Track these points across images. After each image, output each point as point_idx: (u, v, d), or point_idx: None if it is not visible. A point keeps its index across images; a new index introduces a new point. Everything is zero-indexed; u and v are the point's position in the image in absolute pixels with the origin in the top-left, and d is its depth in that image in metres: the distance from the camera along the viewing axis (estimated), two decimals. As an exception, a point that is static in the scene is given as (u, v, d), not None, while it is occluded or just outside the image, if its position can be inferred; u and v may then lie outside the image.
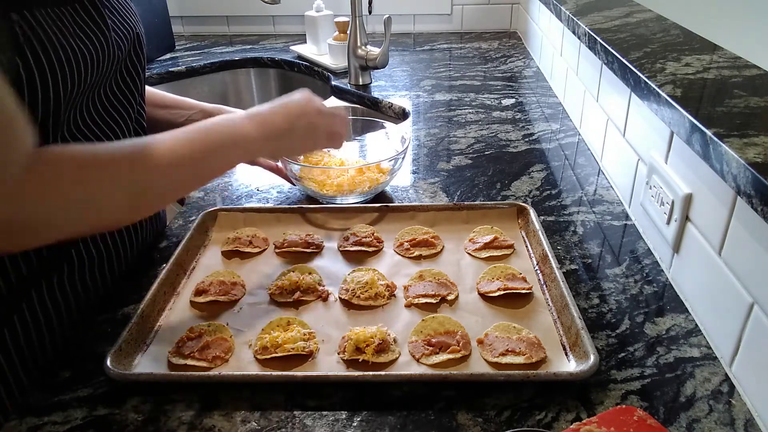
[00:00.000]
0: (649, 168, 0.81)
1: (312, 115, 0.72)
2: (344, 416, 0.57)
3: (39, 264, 0.69)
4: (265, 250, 0.83)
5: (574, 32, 1.11)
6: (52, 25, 0.61)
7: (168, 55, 1.82)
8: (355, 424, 0.56)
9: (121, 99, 0.76)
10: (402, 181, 1.02)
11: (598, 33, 0.96)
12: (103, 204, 0.55)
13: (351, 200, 0.94)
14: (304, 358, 0.63)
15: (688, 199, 0.71)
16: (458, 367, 0.61)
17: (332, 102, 1.50)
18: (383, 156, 0.99)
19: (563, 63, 1.36)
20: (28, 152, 0.49)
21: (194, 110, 0.95)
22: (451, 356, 0.62)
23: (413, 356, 0.63)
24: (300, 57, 1.76)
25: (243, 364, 0.63)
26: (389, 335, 0.65)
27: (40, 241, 0.55)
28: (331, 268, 0.79)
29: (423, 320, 0.67)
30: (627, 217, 0.90)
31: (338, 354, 0.64)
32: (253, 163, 1.00)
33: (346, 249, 0.82)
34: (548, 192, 0.98)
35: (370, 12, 1.83)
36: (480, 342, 0.64)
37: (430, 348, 0.63)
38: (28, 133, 0.50)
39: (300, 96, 0.73)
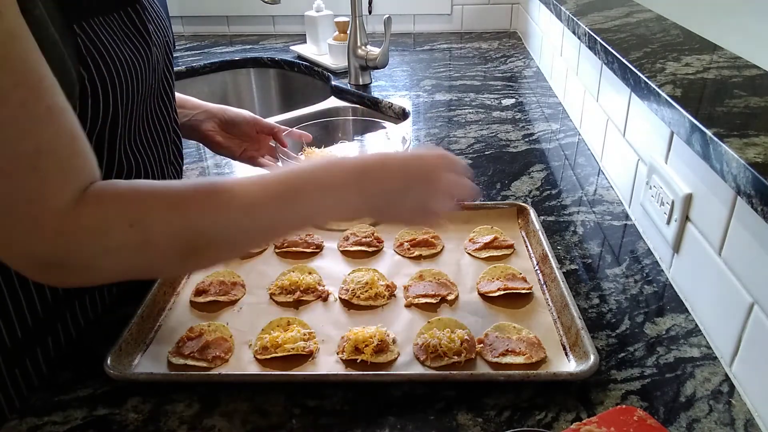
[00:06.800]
0: (649, 168, 0.81)
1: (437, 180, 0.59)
2: (344, 416, 0.57)
3: None
4: (265, 250, 0.83)
5: (574, 32, 1.11)
6: (105, 35, 0.61)
7: (168, 55, 1.82)
8: (355, 424, 0.56)
9: (161, 106, 0.76)
10: (402, 181, 1.02)
11: (598, 33, 0.96)
12: (157, 251, 0.49)
13: (351, 200, 0.93)
14: (304, 358, 0.63)
15: (688, 199, 0.71)
16: (458, 367, 0.61)
17: (332, 102, 1.50)
18: (383, 156, 0.99)
19: (563, 63, 1.36)
20: (82, 186, 0.46)
21: (198, 110, 0.95)
22: (457, 359, 0.61)
23: (418, 358, 0.63)
24: (300, 57, 1.76)
25: (243, 364, 0.63)
26: (388, 335, 0.65)
27: (80, 283, 0.51)
28: (331, 268, 0.78)
29: (429, 322, 0.67)
30: (627, 217, 0.90)
31: (337, 354, 0.64)
32: (253, 163, 0.99)
33: (346, 249, 0.82)
34: (548, 192, 0.98)
35: (370, 12, 1.83)
36: (480, 342, 0.64)
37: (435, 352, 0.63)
38: (88, 168, 0.47)
39: (433, 155, 0.61)
